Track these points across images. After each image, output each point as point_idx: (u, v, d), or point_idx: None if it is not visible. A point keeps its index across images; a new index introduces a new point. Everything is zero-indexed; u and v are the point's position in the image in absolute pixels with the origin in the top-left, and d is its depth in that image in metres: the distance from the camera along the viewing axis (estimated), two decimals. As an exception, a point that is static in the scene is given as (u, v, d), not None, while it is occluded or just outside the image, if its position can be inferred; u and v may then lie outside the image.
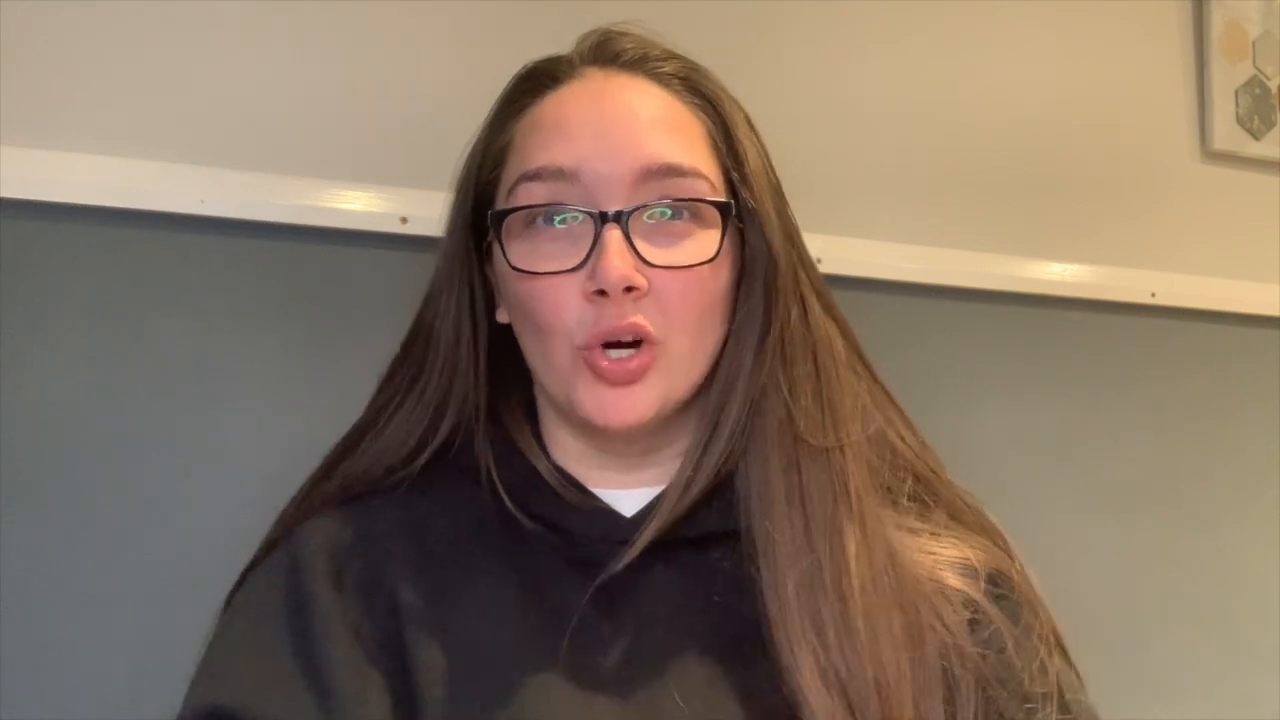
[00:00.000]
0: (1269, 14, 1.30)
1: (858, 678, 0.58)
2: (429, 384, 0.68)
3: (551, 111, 0.65)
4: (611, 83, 0.65)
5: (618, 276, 0.59)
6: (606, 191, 0.61)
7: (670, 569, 0.63)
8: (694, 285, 0.62)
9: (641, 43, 0.67)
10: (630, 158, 0.61)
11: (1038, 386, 1.14)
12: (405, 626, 0.61)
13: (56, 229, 0.79)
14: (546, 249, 0.62)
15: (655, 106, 0.64)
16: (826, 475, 0.63)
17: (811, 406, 0.65)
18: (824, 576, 0.60)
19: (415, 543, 0.65)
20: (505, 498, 0.65)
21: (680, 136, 0.63)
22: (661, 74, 0.65)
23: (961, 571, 0.64)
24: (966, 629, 0.62)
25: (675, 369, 0.63)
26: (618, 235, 0.60)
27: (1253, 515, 1.24)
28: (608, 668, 0.60)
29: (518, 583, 0.63)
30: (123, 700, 0.77)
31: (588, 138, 0.62)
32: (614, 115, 0.63)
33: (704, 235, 0.63)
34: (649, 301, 0.61)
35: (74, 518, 0.78)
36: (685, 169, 0.62)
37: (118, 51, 0.82)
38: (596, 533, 0.64)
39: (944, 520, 0.67)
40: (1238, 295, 1.23)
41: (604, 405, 0.61)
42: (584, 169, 0.61)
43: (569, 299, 0.61)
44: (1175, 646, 1.17)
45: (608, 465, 0.67)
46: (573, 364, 0.62)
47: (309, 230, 0.85)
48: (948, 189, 1.12)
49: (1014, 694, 0.61)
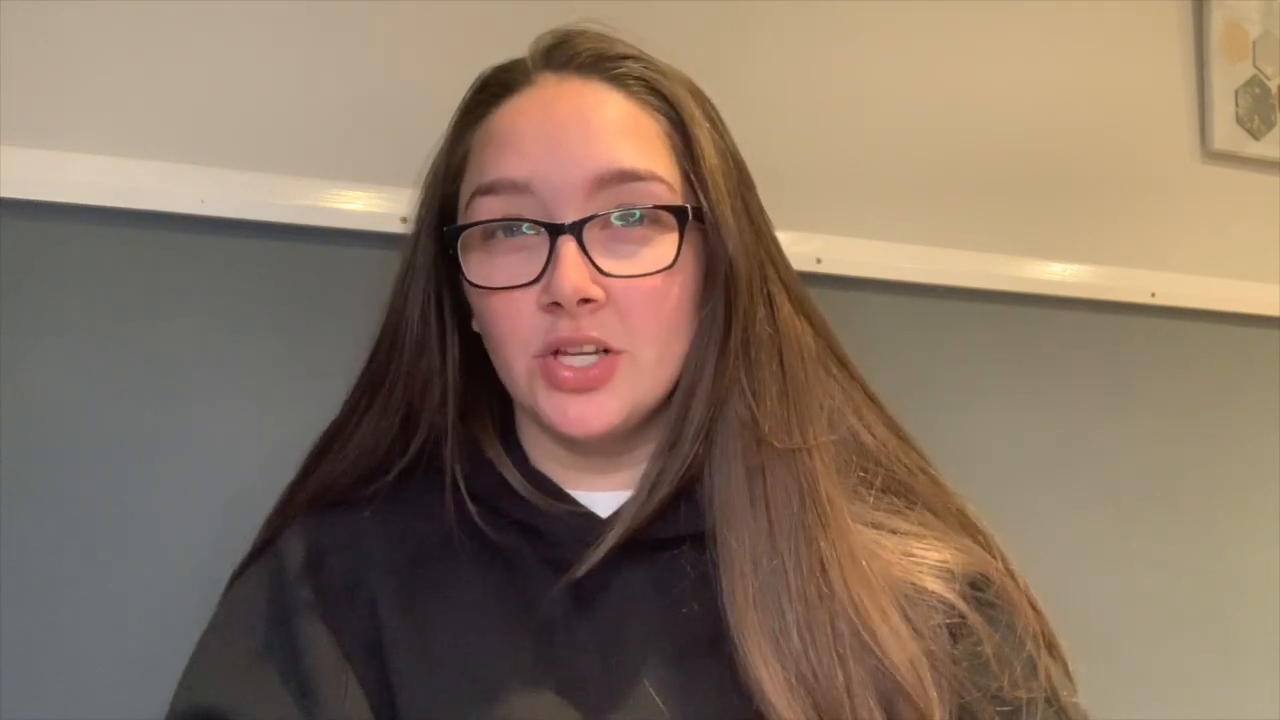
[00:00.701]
0: (1269, 14, 1.30)
1: (826, 683, 0.57)
2: (395, 389, 0.68)
3: (504, 122, 0.64)
4: (564, 89, 0.64)
5: (571, 289, 0.58)
6: (560, 202, 0.60)
7: (643, 570, 0.63)
8: (654, 293, 0.61)
9: (598, 43, 0.65)
10: (582, 166, 0.60)
11: (1037, 386, 1.14)
12: (384, 629, 0.61)
13: (56, 229, 0.79)
14: (503, 262, 0.62)
15: (609, 111, 0.63)
16: (792, 477, 0.62)
17: (777, 408, 0.63)
18: (789, 581, 0.59)
19: (393, 547, 0.65)
20: (473, 509, 0.65)
21: (635, 140, 0.62)
22: (617, 75, 0.64)
23: (940, 575, 0.63)
24: (943, 633, 0.61)
25: (644, 376, 0.62)
26: (572, 247, 0.59)
27: (1252, 515, 1.24)
28: (583, 668, 0.60)
29: (495, 585, 0.63)
30: (122, 700, 0.77)
31: (539, 149, 0.61)
32: (565, 123, 0.62)
33: (662, 240, 0.62)
34: (608, 312, 0.60)
35: (73, 517, 0.78)
36: (640, 173, 0.61)
37: (118, 51, 0.82)
38: (571, 535, 0.64)
39: (924, 520, 0.66)
40: (1238, 295, 1.23)
41: (566, 413, 0.61)
42: (536, 181, 0.60)
43: (525, 311, 0.61)
44: (1175, 647, 1.17)
45: (582, 467, 0.67)
46: (530, 374, 0.62)
47: (309, 230, 0.85)
48: (947, 189, 1.12)
49: (993, 698, 0.60)
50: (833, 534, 0.61)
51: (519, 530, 0.65)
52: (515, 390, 0.64)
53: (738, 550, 0.61)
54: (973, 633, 0.61)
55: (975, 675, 0.60)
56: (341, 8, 0.88)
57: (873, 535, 0.63)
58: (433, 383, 0.67)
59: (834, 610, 0.59)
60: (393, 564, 0.64)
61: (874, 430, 0.68)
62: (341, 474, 0.69)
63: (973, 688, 0.60)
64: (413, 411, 0.68)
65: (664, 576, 0.63)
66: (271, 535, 0.69)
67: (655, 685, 0.59)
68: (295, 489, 0.70)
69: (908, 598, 0.61)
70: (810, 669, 0.58)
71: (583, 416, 0.61)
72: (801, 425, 0.64)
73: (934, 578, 0.62)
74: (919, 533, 0.65)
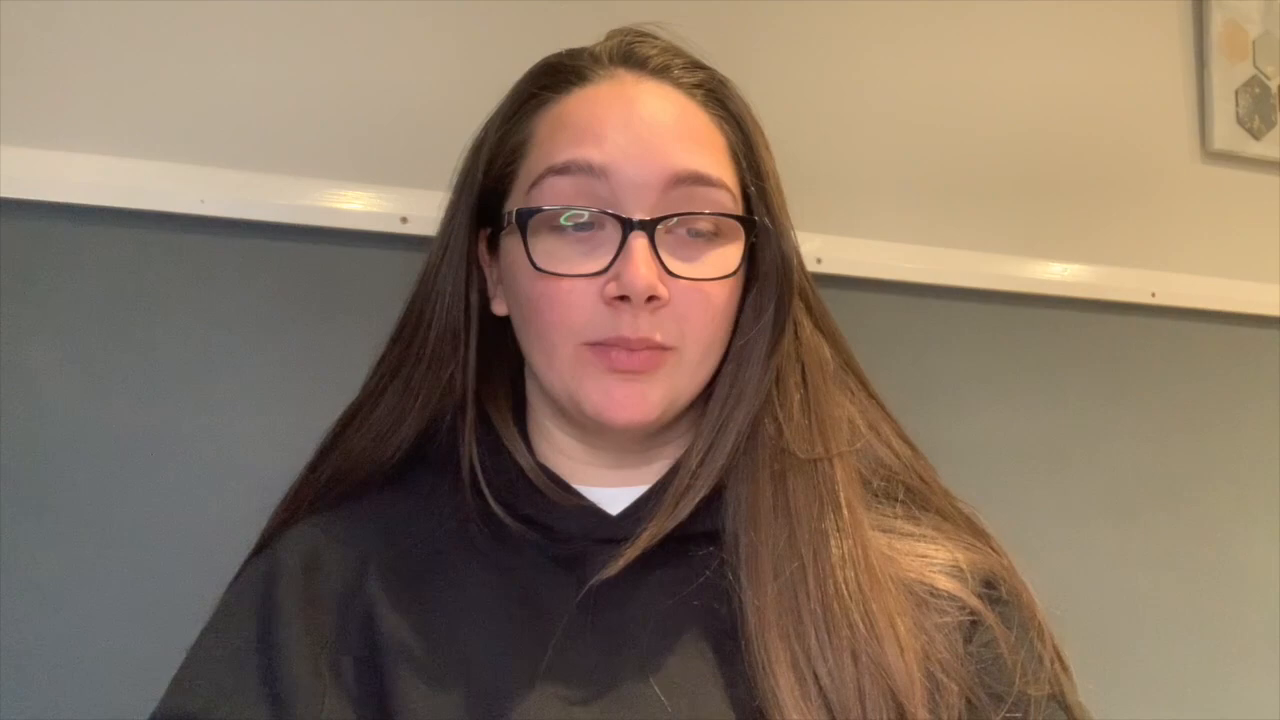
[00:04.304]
0: (1269, 14, 1.30)
1: (840, 685, 0.58)
2: (415, 371, 0.68)
3: (581, 109, 0.64)
4: (641, 88, 0.64)
5: (644, 284, 0.59)
6: (635, 196, 0.61)
7: (654, 568, 0.63)
8: (711, 298, 0.62)
9: (667, 49, 0.67)
10: (660, 164, 0.61)
11: (1037, 386, 1.14)
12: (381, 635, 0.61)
13: (57, 229, 0.79)
14: (566, 250, 0.61)
15: (682, 116, 0.64)
16: (814, 486, 0.63)
17: (799, 419, 0.65)
18: (808, 582, 0.60)
19: (395, 548, 0.65)
20: (489, 495, 0.65)
21: (706, 147, 0.63)
22: (686, 84, 0.65)
23: (953, 575, 0.63)
24: (956, 634, 0.61)
25: (684, 373, 0.63)
26: (644, 243, 0.60)
27: (1253, 515, 1.24)
28: (592, 667, 0.60)
29: (501, 582, 0.63)
30: (122, 700, 0.77)
31: (620, 139, 0.61)
32: (645, 120, 0.62)
33: (726, 249, 0.63)
34: (667, 312, 0.61)
35: (73, 517, 0.78)
36: (712, 179, 0.62)
37: (118, 51, 0.82)
38: (582, 530, 0.64)
39: (937, 525, 0.67)
40: (1238, 295, 1.23)
41: (611, 399, 0.61)
42: (614, 169, 0.61)
43: (585, 301, 0.61)
44: (1175, 648, 1.17)
45: (597, 463, 0.67)
46: (577, 359, 0.62)
47: (309, 230, 0.85)
48: (947, 189, 1.12)
49: (1005, 698, 0.60)
50: (851, 540, 0.62)
51: (528, 525, 0.65)
52: (551, 374, 0.63)
53: (760, 554, 0.61)
54: (987, 632, 0.62)
55: (987, 674, 0.61)
56: (342, 8, 0.88)
57: (887, 540, 0.64)
58: (454, 367, 0.67)
59: (851, 614, 0.59)
60: (394, 565, 0.64)
61: (890, 442, 0.69)
62: (355, 462, 0.68)
63: (983, 687, 0.60)
64: (430, 396, 0.68)
65: (675, 575, 0.63)
66: (277, 528, 0.69)
67: (663, 684, 0.59)
68: (308, 475, 0.70)
69: (921, 599, 0.62)
70: (826, 671, 0.58)
71: (626, 402, 0.61)
72: (823, 436, 0.65)
73: (947, 577, 0.63)
74: (932, 535, 0.66)
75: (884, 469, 0.68)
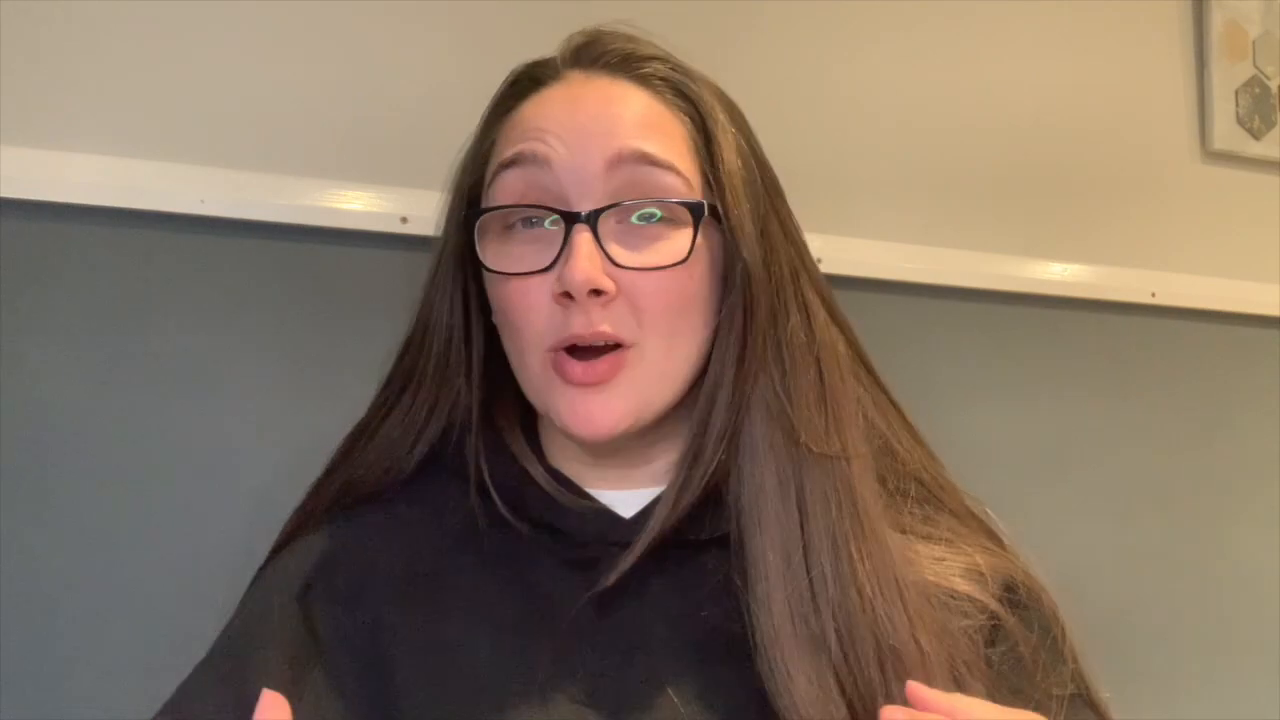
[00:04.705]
0: (1269, 14, 1.30)
1: (866, 691, 0.57)
2: (422, 384, 0.68)
3: (532, 110, 0.65)
4: (591, 84, 0.65)
5: (582, 279, 0.58)
6: (578, 185, 0.61)
7: (666, 572, 0.62)
8: (665, 286, 0.61)
9: (626, 43, 0.66)
10: (600, 147, 0.61)
11: (1037, 386, 1.14)
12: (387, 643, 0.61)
13: (56, 229, 0.79)
14: (519, 250, 0.62)
15: (633, 107, 0.63)
16: (830, 484, 0.61)
17: (814, 414, 0.63)
18: (827, 589, 0.59)
19: (403, 555, 0.65)
20: (498, 500, 0.65)
21: (658, 134, 0.63)
22: (643, 75, 0.65)
23: (973, 579, 0.63)
24: (978, 638, 0.61)
25: (649, 373, 0.62)
26: (587, 237, 0.60)
27: (1253, 515, 1.24)
28: (603, 671, 0.59)
29: (511, 587, 0.63)
30: (122, 701, 0.77)
31: (562, 131, 0.62)
32: (588, 111, 0.63)
33: (677, 236, 0.62)
34: (620, 304, 0.60)
35: (73, 517, 0.78)
36: (658, 159, 0.62)
37: (118, 51, 0.82)
38: (596, 534, 0.64)
39: (952, 527, 0.66)
40: (1238, 295, 1.23)
41: (576, 414, 0.61)
42: (555, 159, 0.61)
43: (539, 301, 0.61)
44: (1176, 648, 1.17)
45: (604, 467, 0.67)
46: (544, 370, 0.62)
47: (309, 230, 0.85)
48: (948, 189, 1.12)
49: (1029, 700, 0.59)
50: (870, 542, 0.60)
51: (539, 528, 0.64)
52: (529, 386, 0.64)
53: (770, 557, 0.60)
54: (1009, 635, 0.61)
55: (1011, 677, 0.60)
56: (341, 8, 0.88)
57: (905, 541, 0.63)
58: (459, 376, 0.67)
59: (875, 619, 0.58)
60: (403, 572, 0.64)
61: (902, 440, 0.68)
62: (366, 472, 0.68)
63: (1007, 690, 0.59)
64: (439, 405, 0.68)
65: (686, 580, 0.62)
66: (293, 533, 0.69)
67: (676, 689, 0.58)
68: (319, 486, 0.70)
69: (942, 603, 0.61)
70: (851, 677, 0.57)
71: (590, 416, 0.61)
72: (840, 432, 0.63)
73: (967, 581, 0.62)
74: (949, 538, 0.65)
75: (901, 465, 0.67)
